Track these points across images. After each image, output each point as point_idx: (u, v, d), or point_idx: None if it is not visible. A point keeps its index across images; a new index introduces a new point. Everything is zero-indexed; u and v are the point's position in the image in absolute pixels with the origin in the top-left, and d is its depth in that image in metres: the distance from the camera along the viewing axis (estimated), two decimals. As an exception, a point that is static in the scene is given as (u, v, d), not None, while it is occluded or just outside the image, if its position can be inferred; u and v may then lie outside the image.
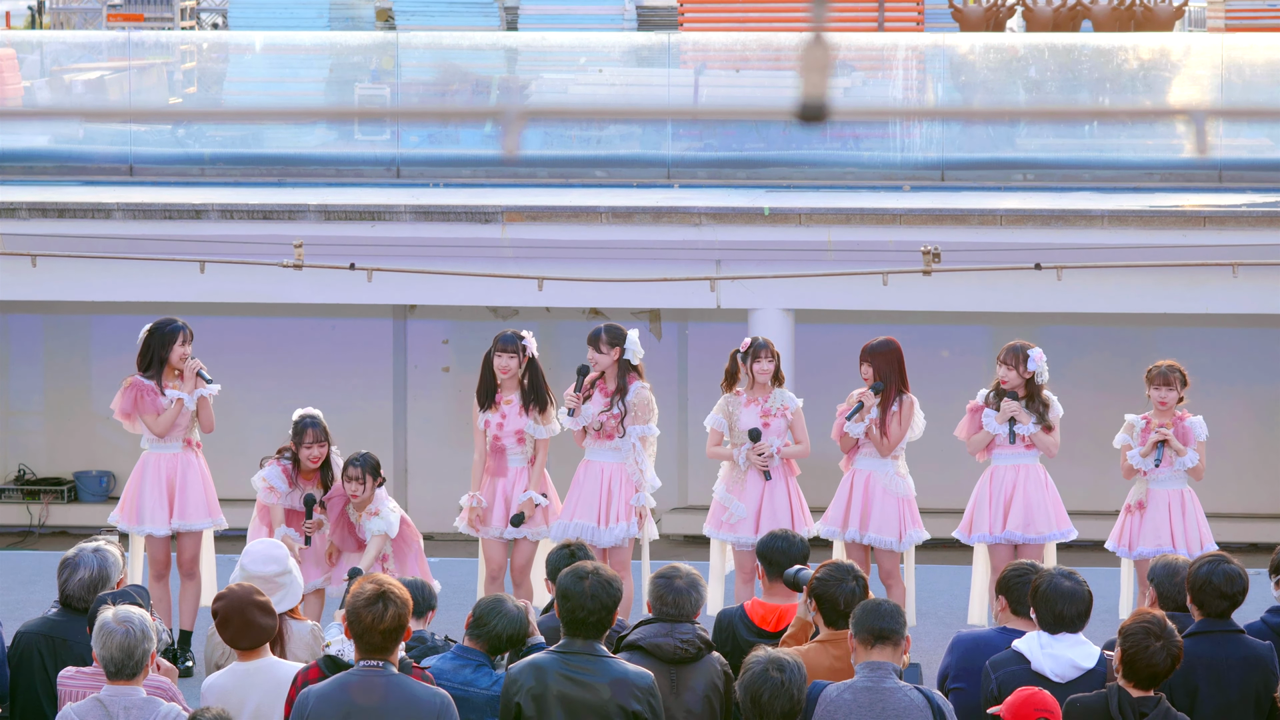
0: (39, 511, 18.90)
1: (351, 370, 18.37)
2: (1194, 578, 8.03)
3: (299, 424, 11.44)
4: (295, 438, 11.42)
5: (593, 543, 11.52)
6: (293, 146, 17.53)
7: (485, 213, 15.67)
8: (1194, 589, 8.02)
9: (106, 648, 7.21)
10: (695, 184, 16.74)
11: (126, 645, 7.20)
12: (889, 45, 17.80)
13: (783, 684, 7.08)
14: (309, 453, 11.35)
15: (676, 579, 7.71)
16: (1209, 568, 8.02)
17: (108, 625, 7.22)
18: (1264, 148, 16.96)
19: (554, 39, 18.56)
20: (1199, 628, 7.95)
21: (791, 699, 7.09)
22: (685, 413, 18.02)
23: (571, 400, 11.65)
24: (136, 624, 7.22)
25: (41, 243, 14.98)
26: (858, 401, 11.58)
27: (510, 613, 7.79)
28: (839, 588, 7.74)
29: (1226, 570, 8.02)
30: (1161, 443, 11.45)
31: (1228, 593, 7.99)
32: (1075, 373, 17.20)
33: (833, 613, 7.75)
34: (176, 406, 11.75)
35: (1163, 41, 18.39)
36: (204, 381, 11.78)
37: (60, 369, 19.06)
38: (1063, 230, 15.28)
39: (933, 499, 12.49)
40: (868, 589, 7.80)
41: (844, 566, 7.86)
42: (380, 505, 11.29)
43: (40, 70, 18.37)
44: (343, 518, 11.38)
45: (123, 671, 7.20)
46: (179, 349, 11.71)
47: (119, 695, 7.21)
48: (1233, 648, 7.96)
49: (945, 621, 12.37)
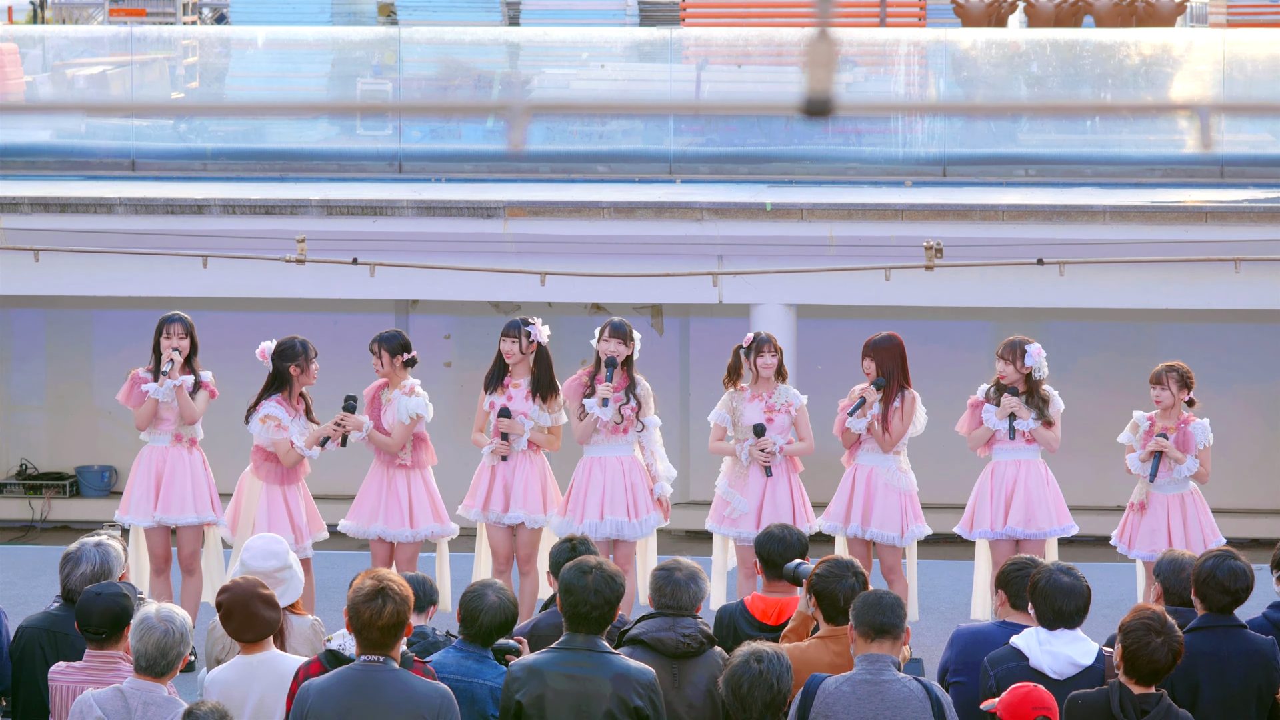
0: (41, 506, 18.91)
1: (353, 365, 18.36)
2: (1199, 572, 8.03)
3: (289, 348, 11.59)
4: (283, 360, 11.58)
5: (625, 537, 11.62)
6: (295, 141, 17.54)
7: (487, 208, 15.67)
8: (1198, 583, 8.02)
9: (144, 642, 7.24)
10: (697, 179, 16.74)
11: (163, 644, 7.24)
12: (891, 40, 17.80)
13: (761, 674, 7.08)
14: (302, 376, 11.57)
15: (676, 571, 7.72)
16: (1214, 562, 8.02)
17: (149, 620, 7.26)
18: (1266, 143, 16.97)
19: (556, 34, 18.56)
20: (1201, 623, 7.96)
21: (771, 688, 7.09)
22: (687, 408, 18.03)
23: (605, 390, 11.69)
24: (177, 625, 7.27)
25: (44, 238, 14.99)
26: (860, 397, 11.58)
27: (492, 603, 7.77)
28: (839, 584, 7.75)
29: (1232, 566, 8.01)
30: (1158, 454, 11.41)
31: (1230, 588, 7.99)
32: (1077, 368, 17.21)
33: (832, 609, 7.75)
34: (151, 404, 11.82)
35: (1164, 37, 18.38)
36: (177, 373, 11.80)
37: (62, 364, 19.07)
38: (1065, 225, 15.28)
39: (934, 494, 12.49)
40: (867, 585, 7.80)
41: (843, 563, 7.86)
42: (414, 388, 11.71)
43: (42, 65, 18.37)
44: (374, 413, 11.73)
45: (153, 668, 7.25)
46: (164, 340, 11.80)
47: (141, 690, 7.24)
48: (1235, 643, 7.96)
49: (948, 617, 12.38)
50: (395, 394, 11.75)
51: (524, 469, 11.86)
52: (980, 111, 16.66)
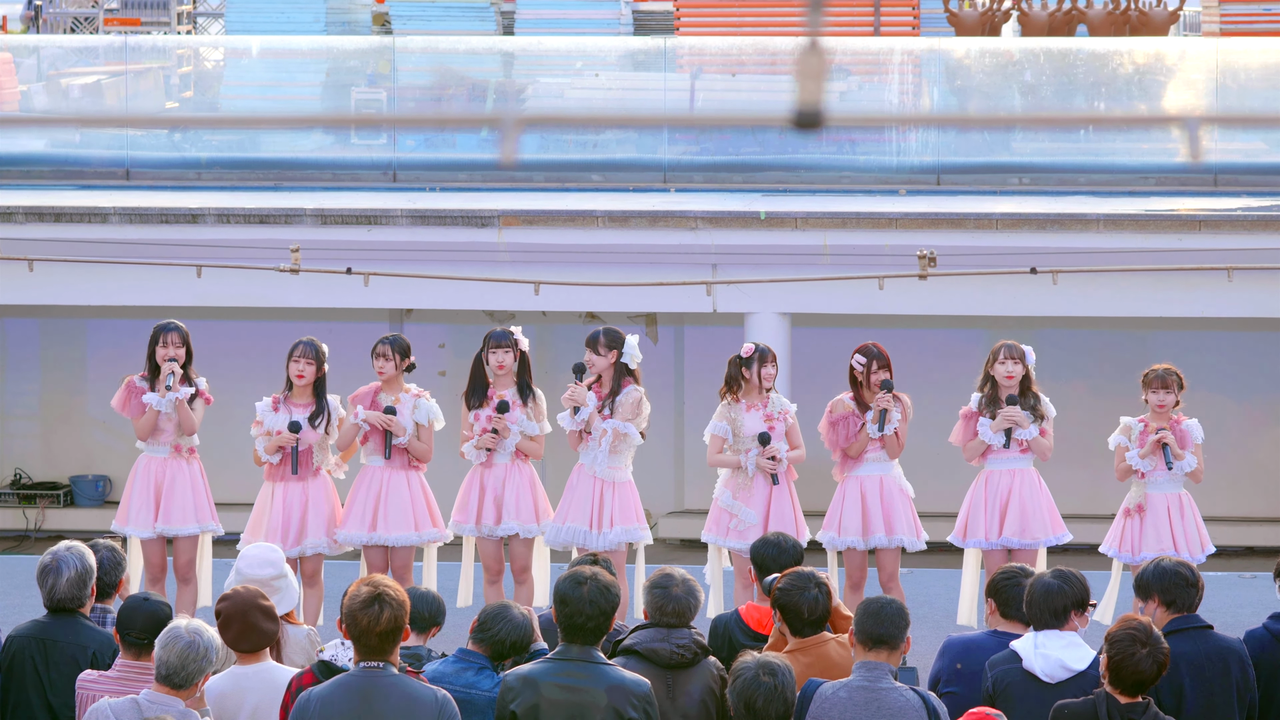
0: (35, 516, 18.90)
1: (348, 374, 18.36)
2: (1158, 577, 8.06)
3: (293, 345, 11.71)
4: (287, 358, 11.78)
5: (584, 546, 11.58)
6: (289, 151, 17.54)
7: (481, 217, 15.68)
8: (1162, 588, 8.04)
9: (167, 649, 7.18)
10: (691, 188, 16.75)
11: (186, 656, 7.17)
12: (885, 49, 17.81)
13: (775, 688, 7.09)
14: (296, 366, 11.61)
15: (673, 588, 7.69)
16: (1166, 564, 8.11)
17: (177, 630, 7.21)
18: (1259, 151, 16.98)
19: (550, 43, 18.57)
20: (1175, 625, 7.99)
21: (785, 702, 7.10)
22: (682, 417, 18.03)
23: (576, 396, 11.67)
24: (204, 641, 7.21)
25: (38, 247, 14.98)
26: (882, 408, 11.63)
27: (515, 619, 7.80)
28: (801, 596, 7.76)
29: (1178, 561, 8.17)
30: (1165, 445, 11.47)
31: (1193, 580, 8.06)
32: (1070, 377, 17.21)
33: (797, 621, 7.76)
34: (152, 415, 11.84)
35: (1158, 46, 18.40)
36: (179, 385, 11.84)
37: (56, 373, 19.06)
38: (1058, 234, 15.29)
39: (925, 503, 12.51)
40: (831, 595, 7.81)
41: (805, 574, 7.86)
42: (424, 392, 11.85)
43: (37, 74, 18.38)
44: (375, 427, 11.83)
45: (172, 678, 7.18)
46: (160, 350, 11.82)
47: (158, 702, 7.19)
48: (1209, 643, 8.03)
49: (939, 625, 12.39)
50: (404, 397, 11.80)
51: (513, 480, 11.87)
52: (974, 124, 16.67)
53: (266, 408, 11.79)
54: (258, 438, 11.81)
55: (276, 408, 11.78)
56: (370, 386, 11.96)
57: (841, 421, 11.80)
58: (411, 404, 11.82)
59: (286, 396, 11.82)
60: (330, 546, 11.87)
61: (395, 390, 11.83)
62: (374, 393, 11.91)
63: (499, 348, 11.84)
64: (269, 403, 11.81)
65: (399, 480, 11.84)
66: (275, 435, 11.72)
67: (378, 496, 11.84)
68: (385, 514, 11.80)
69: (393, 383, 11.82)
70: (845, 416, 11.78)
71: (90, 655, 8.05)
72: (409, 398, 11.82)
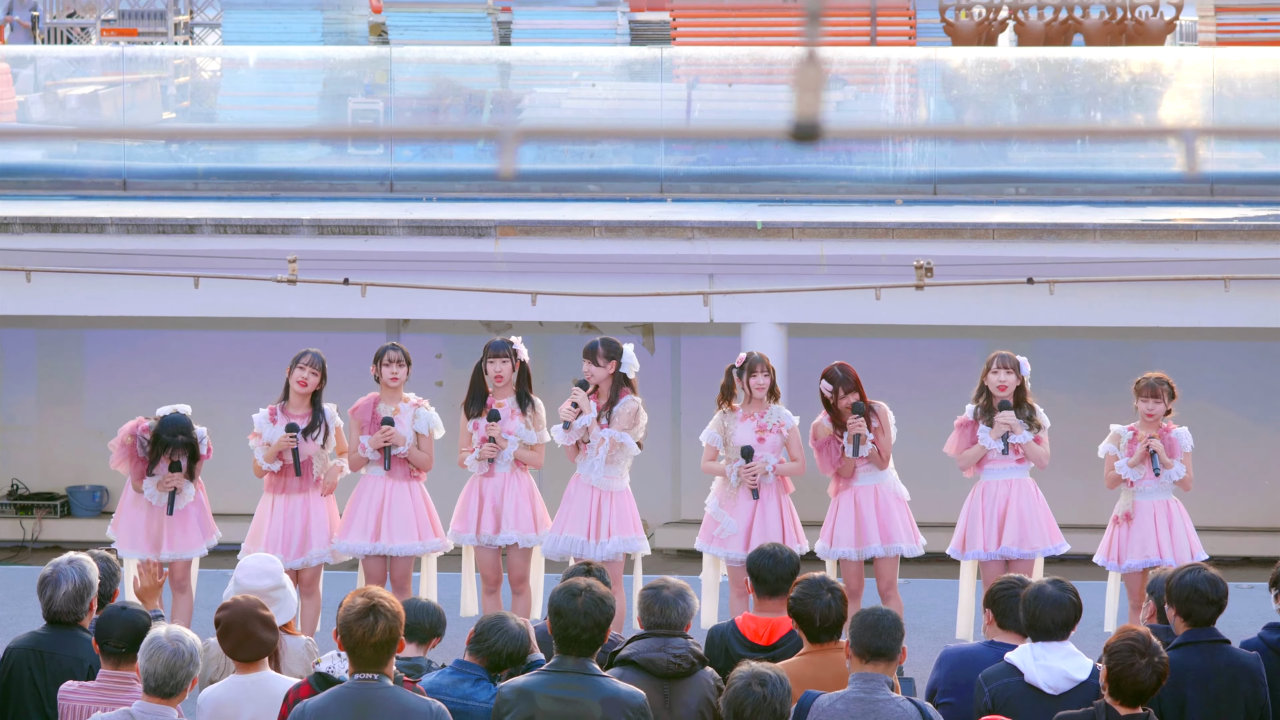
0: (32, 526, 18.89)
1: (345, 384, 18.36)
2: (1177, 588, 8.02)
3: (300, 353, 11.73)
4: (291, 365, 11.75)
5: (582, 557, 11.57)
6: (286, 161, 17.55)
7: (478, 227, 15.68)
8: (1178, 600, 8.01)
9: (152, 662, 7.17)
10: (688, 198, 16.76)
11: (172, 665, 7.15)
12: (881, 59, 17.82)
13: (765, 698, 7.08)
14: (300, 374, 11.60)
15: (664, 590, 7.72)
16: (1191, 576, 8.02)
17: (158, 640, 7.20)
18: (1255, 161, 16.99)
19: (547, 54, 18.57)
20: (1186, 638, 7.96)
21: (775, 713, 7.09)
22: (678, 427, 18.03)
23: (575, 410, 11.68)
24: (187, 646, 7.19)
25: (35, 258, 14.99)
26: (855, 434, 11.63)
27: (512, 630, 7.79)
28: (815, 603, 7.76)
29: (1208, 576, 8.02)
30: (1154, 453, 11.49)
31: (1213, 598, 7.99)
32: (1067, 386, 17.22)
33: (811, 628, 7.77)
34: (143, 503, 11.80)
35: (1154, 56, 18.41)
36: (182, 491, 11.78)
37: (53, 384, 19.06)
38: (1055, 244, 15.30)
39: (921, 513, 12.51)
40: (845, 601, 7.83)
41: (818, 581, 7.86)
42: (424, 402, 11.88)
43: (34, 85, 18.38)
44: (373, 428, 11.85)
45: (162, 688, 7.17)
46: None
47: (151, 713, 7.18)
48: (1221, 658, 7.96)
49: (936, 636, 12.38)
50: (404, 406, 11.81)
51: (512, 489, 11.87)
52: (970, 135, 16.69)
53: (264, 419, 11.78)
54: (256, 448, 11.80)
55: (274, 418, 11.77)
56: (369, 398, 11.95)
57: (825, 447, 11.82)
58: (411, 413, 11.82)
59: (283, 406, 11.80)
60: (331, 557, 11.88)
61: (394, 400, 11.83)
62: (373, 404, 11.90)
63: (497, 358, 11.85)
64: (266, 414, 11.80)
65: (400, 490, 11.84)
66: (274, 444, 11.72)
67: (380, 506, 11.84)
68: (388, 524, 11.79)
69: (392, 392, 11.81)
70: (827, 441, 11.79)
71: (87, 668, 8.04)
72: (408, 407, 11.82)
